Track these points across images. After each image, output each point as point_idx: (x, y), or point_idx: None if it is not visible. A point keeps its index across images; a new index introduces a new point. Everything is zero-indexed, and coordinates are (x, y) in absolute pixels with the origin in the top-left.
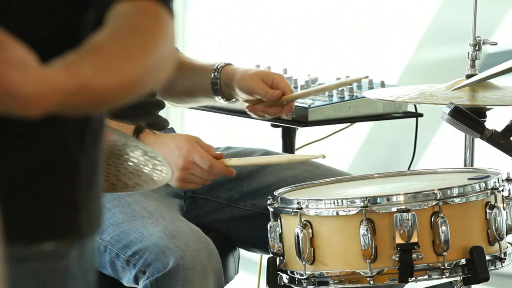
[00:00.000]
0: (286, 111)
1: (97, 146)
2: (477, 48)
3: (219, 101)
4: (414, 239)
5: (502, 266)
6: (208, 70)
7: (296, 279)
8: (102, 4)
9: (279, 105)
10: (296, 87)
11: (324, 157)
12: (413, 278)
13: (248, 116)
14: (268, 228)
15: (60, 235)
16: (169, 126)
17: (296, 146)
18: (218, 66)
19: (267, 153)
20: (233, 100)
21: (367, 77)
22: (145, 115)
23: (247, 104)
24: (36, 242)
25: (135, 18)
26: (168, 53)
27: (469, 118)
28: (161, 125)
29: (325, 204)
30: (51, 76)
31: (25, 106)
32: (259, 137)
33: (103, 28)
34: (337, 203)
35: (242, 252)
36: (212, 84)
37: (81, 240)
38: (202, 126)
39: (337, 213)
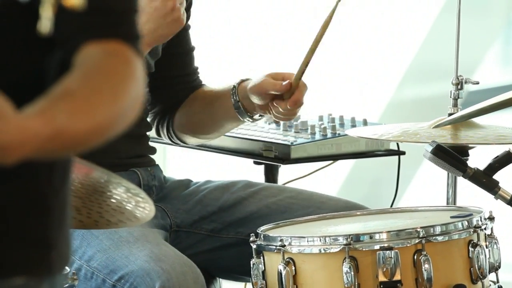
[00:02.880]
0: (291, 103)
1: (66, 184)
2: (459, 87)
3: (245, 120)
4: (397, 277)
5: None
6: (226, 92)
7: None
8: (69, 46)
9: (292, 94)
10: (278, 123)
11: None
12: None
13: (230, 153)
14: (251, 265)
15: (31, 271)
16: (156, 163)
17: (279, 184)
18: (234, 87)
19: (249, 184)
20: (257, 116)
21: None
22: (137, 158)
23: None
24: (7, 277)
25: (104, 61)
26: (137, 94)
27: (451, 157)
28: (149, 164)
29: (308, 241)
30: (27, 124)
31: (2, 154)
32: (241, 174)
33: (72, 71)
34: (320, 240)
35: (224, 285)
36: (235, 108)
37: (51, 276)
38: (184, 163)
39: (320, 251)
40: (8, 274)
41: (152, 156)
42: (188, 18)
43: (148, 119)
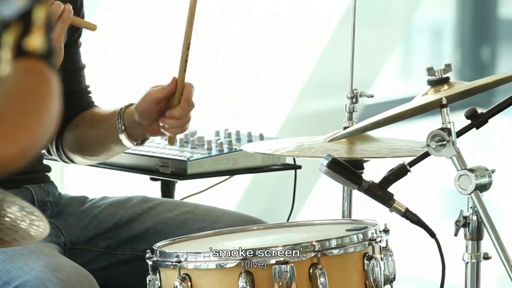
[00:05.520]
0: (184, 103)
1: None
2: (354, 101)
3: (130, 145)
4: None
5: None
6: (113, 115)
7: None
8: None
9: (181, 95)
10: (176, 141)
11: (95, 28)
12: None
13: (126, 170)
14: (147, 282)
15: None
16: (50, 180)
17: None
18: (121, 109)
19: (145, 199)
20: (142, 138)
21: None
22: (30, 174)
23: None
24: None
25: (25, 80)
26: (56, 112)
27: (346, 170)
28: (42, 180)
29: (204, 257)
30: None
31: None
32: (138, 190)
33: None
34: (216, 255)
35: None
36: (119, 129)
37: None
38: (80, 179)
39: (216, 266)
40: None
41: (47, 174)
42: (79, 35)
43: None
